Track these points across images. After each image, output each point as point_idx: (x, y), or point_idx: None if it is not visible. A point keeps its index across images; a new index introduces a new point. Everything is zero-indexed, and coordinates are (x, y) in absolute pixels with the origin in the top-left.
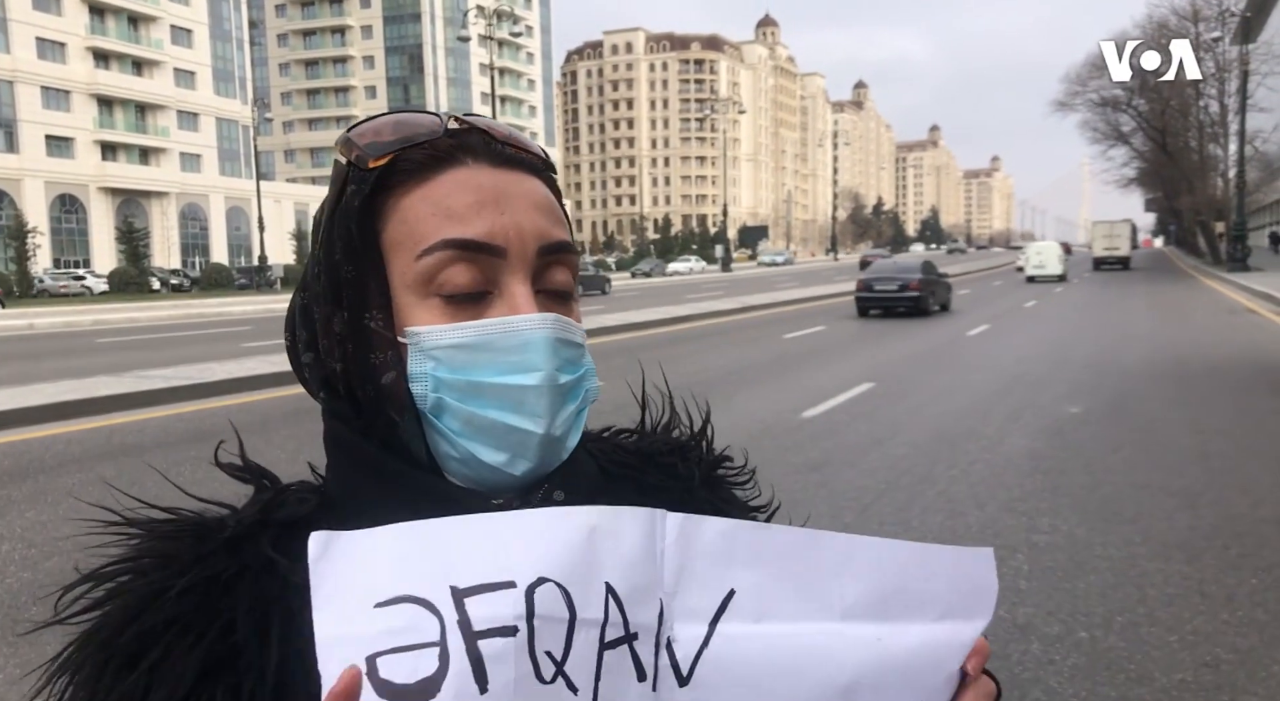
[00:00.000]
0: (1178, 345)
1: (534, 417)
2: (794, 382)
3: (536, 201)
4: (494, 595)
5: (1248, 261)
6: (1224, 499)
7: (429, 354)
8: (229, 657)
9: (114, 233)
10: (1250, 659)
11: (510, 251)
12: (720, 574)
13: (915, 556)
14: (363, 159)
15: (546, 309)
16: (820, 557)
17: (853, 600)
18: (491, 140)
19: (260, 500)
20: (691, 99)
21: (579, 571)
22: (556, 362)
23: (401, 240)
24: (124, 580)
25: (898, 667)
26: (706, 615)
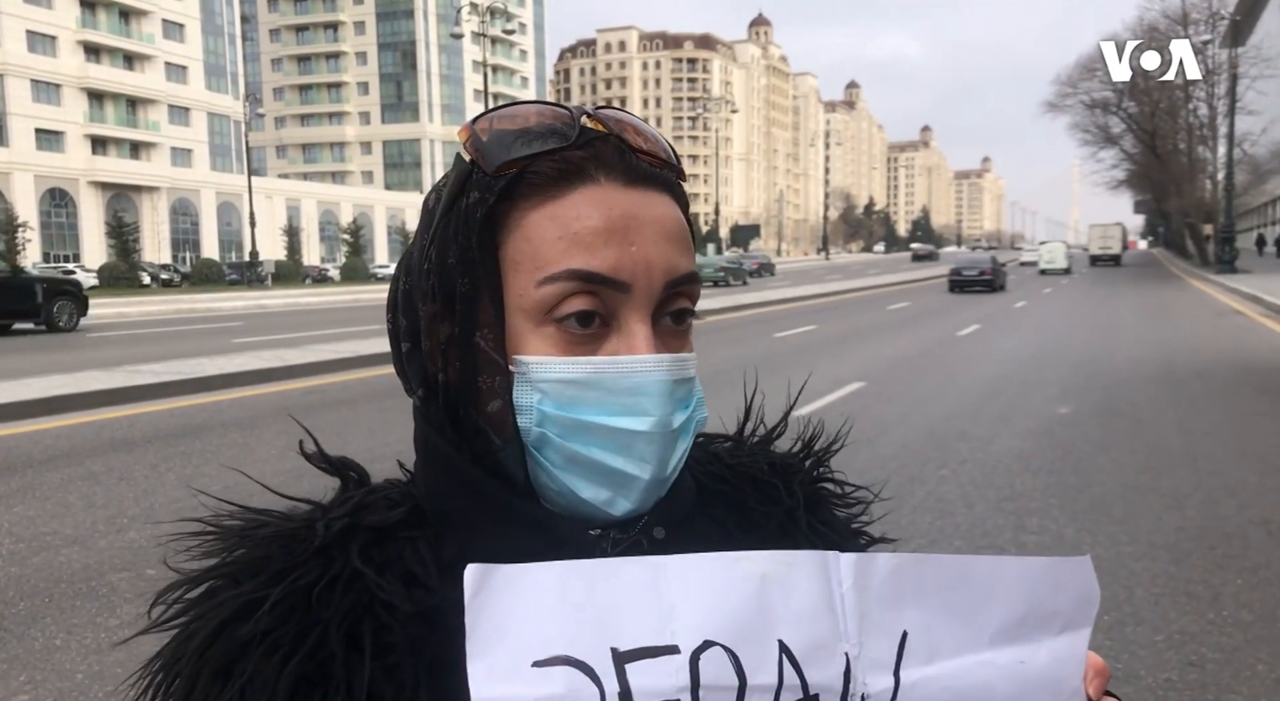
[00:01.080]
0: (1166, 347)
1: (641, 462)
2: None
3: (668, 229)
4: (655, 662)
5: (1235, 263)
6: (1211, 500)
7: (536, 386)
8: (319, 673)
9: (104, 227)
10: (1235, 658)
11: (635, 287)
12: (893, 615)
13: (1044, 572)
14: (488, 162)
15: (664, 343)
16: (972, 584)
17: (998, 624)
18: (627, 151)
19: (349, 500)
20: (684, 98)
21: (749, 631)
22: (670, 406)
23: (522, 260)
24: (214, 587)
25: (1037, 687)
26: (889, 664)
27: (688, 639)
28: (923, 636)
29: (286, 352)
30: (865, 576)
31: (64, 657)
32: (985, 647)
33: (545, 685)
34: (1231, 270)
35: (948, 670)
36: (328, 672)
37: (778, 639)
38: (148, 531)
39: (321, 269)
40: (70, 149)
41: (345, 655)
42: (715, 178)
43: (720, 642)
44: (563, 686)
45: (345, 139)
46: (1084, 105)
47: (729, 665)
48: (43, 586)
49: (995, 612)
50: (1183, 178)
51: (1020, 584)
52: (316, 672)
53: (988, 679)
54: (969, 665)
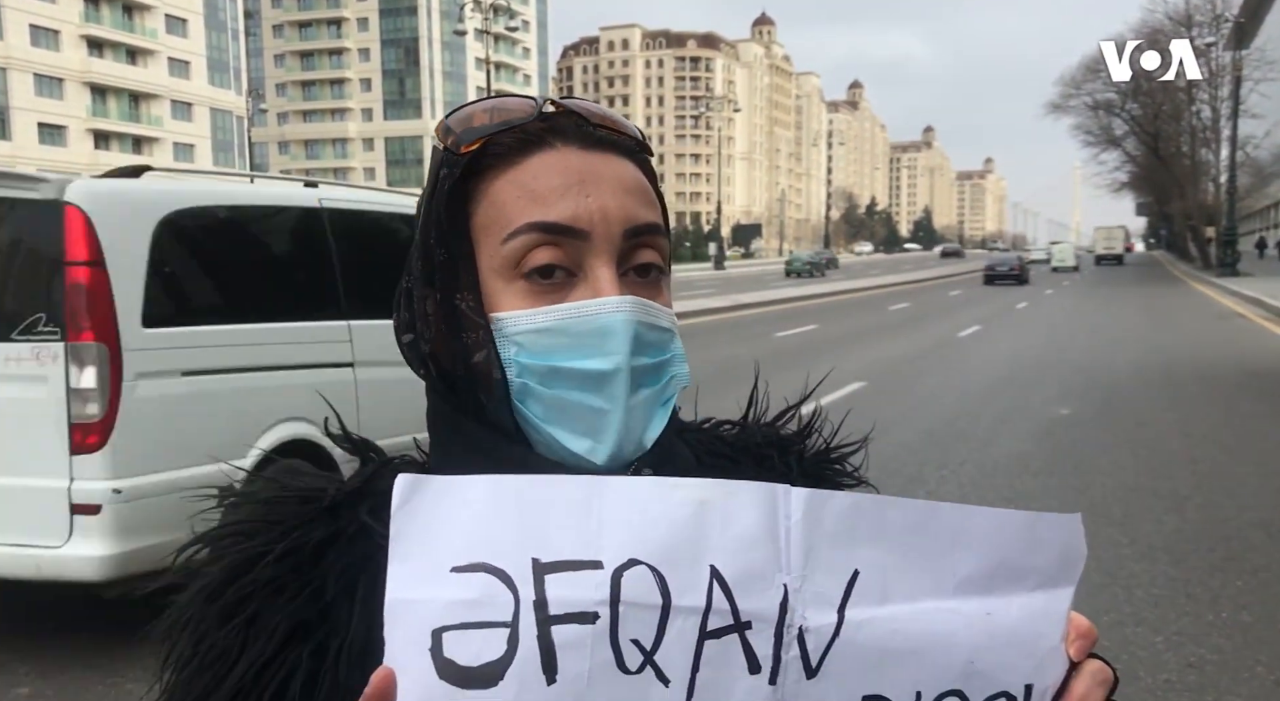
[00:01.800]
0: (1167, 349)
1: (611, 399)
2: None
3: (625, 183)
4: (576, 575)
5: (1237, 266)
6: (1211, 502)
7: (511, 339)
8: (317, 619)
9: None
10: (1234, 660)
11: (594, 234)
12: (845, 554)
13: (1023, 526)
14: (456, 144)
15: (632, 291)
16: (938, 530)
17: (964, 574)
18: (583, 122)
19: (364, 472)
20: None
21: (678, 553)
22: (634, 346)
23: (490, 224)
24: (230, 542)
25: (1007, 641)
26: (835, 601)
27: (613, 555)
28: (876, 577)
29: None
30: (817, 512)
31: (66, 651)
32: (949, 595)
33: (461, 589)
34: (1233, 273)
35: (901, 612)
36: (326, 619)
37: (709, 564)
38: None
39: None
40: (73, 143)
41: (344, 604)
42: (717, 176)
43: (646, 562)
44: (478, 591)
45: (348, 135)
46: (1087, 106)
47: (654, 584)
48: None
49: (963, 561)
50: (1185, 180)
51: (994, 535)
52: (316, 618)
53: (949, 627)
54: (927, 610)
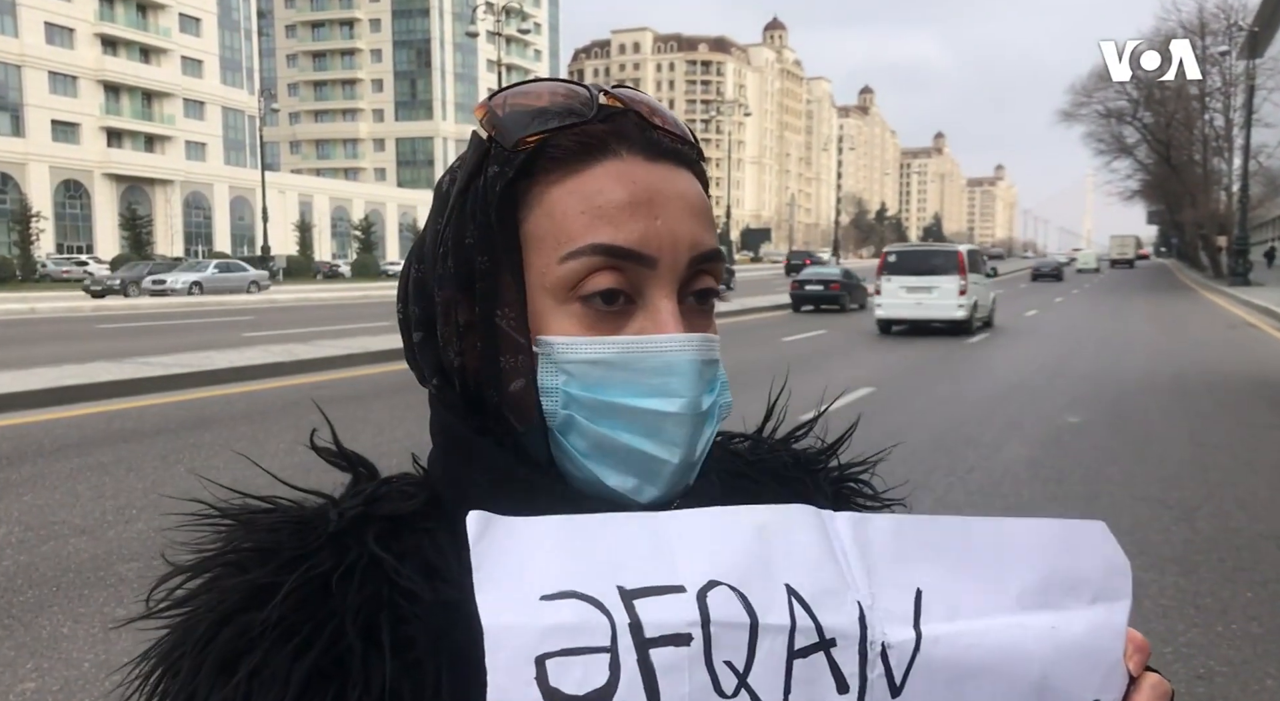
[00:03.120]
0: (1177, 358)
1: (670, 446)
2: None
3: (691, 204)
4: (664, 599)
5: (1249, 276)
6: (1221, 512)
7: (561, 367)
8: (334, 667)
9: (118, 219)
10: (1243, 672)
11: (661, 262)
12: (903, 573)
13: (1055, 534)
14: (506, 137)
15: (690, 323)
16: (979, 545)
17: (1020, 588)
18: (647, 126)
19: (361, 491)
20: (698, 100)
21: (754, 573)
22: (700, 387)
23: (544, 236)
24: (218, 574)
25: (1074, 656)
26: (908, 618)
27: (693, 579)
28: (939, 595)
29: (296, 347)
30: (864, 534)
31: (71, 646)
32: (1014, 610)
33: (555, 615)
34: (1245, 282)
35: (974, 628)
36: (344, 666)
37: (784, 582)
38: (156, 522)
39: (333, 265)
40: (86, 141)
41: (363, 648)
42: (727, 180)
43: (726, 582)
44: (572, 617)
45: (359, 136)
46: (1099, 114)
47: (738, 603)
48: (51, 575)
49: (1013, 574)
50: (1197, 189)
51: (1032, 545)
52: (331, 666)
53: (1020, 641)
54: (998, 626)
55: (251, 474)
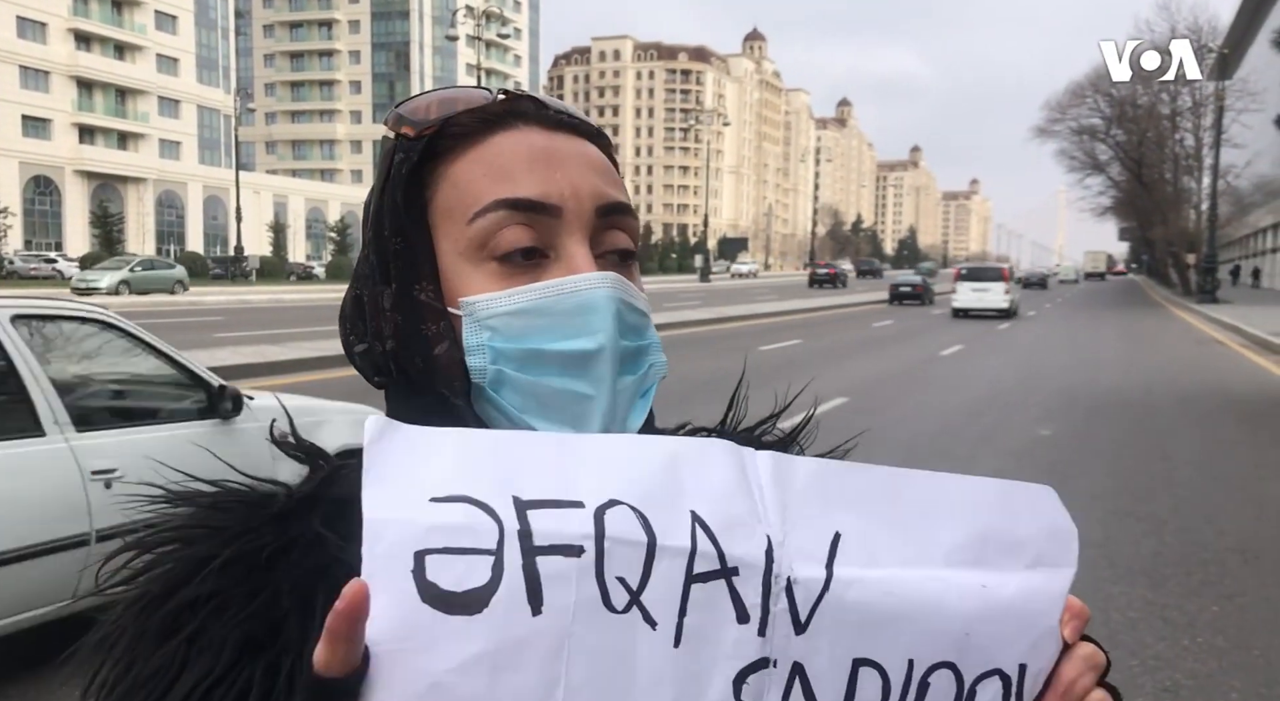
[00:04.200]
0: (1147, 373)
1: (596, 382)
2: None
3: (592, 161)
4: (559, 512)
5: (1216, 293)
6: (1189, 526)
7: (485, 323)
8: (269, 634)
9: (88, 216)
10: (1209, 685)
11: (566, 210)
12: (821, 516)
13: (996, 493)
14: (410, 128)
15: (608, 271)
16: (911, 497)
17: (950, 544)
18: (543, 106)
19: (315, 477)
20: (677, 109)
21: (658, 497)
22: (618, 325)
23: (453, 206)
24: (169, 550)
25: (1003, 617)
26: (821, 557)
27: (594, 496)
28: (858, 541)
29: (268, 348)
30: (783, 474)
31: None
32: (939, 565)
33: (442, 515)
34: (1213, 300)
35: (892, 576)
36: (278, 634)
37: (690, 508)
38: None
39: (307, 266)
40: (57, 137)
41: (301, 620)
42: (705, 189)
43: (627, 502)
44: (461, 518)
45: (335, 137)
46: (1072, 131)
47: (637, 523)
48: None
49: (944, 530)
50: (1167, 207)
51: (969, 503)
52: (266, 634)
53: (943, 595)
54: (920, 577)
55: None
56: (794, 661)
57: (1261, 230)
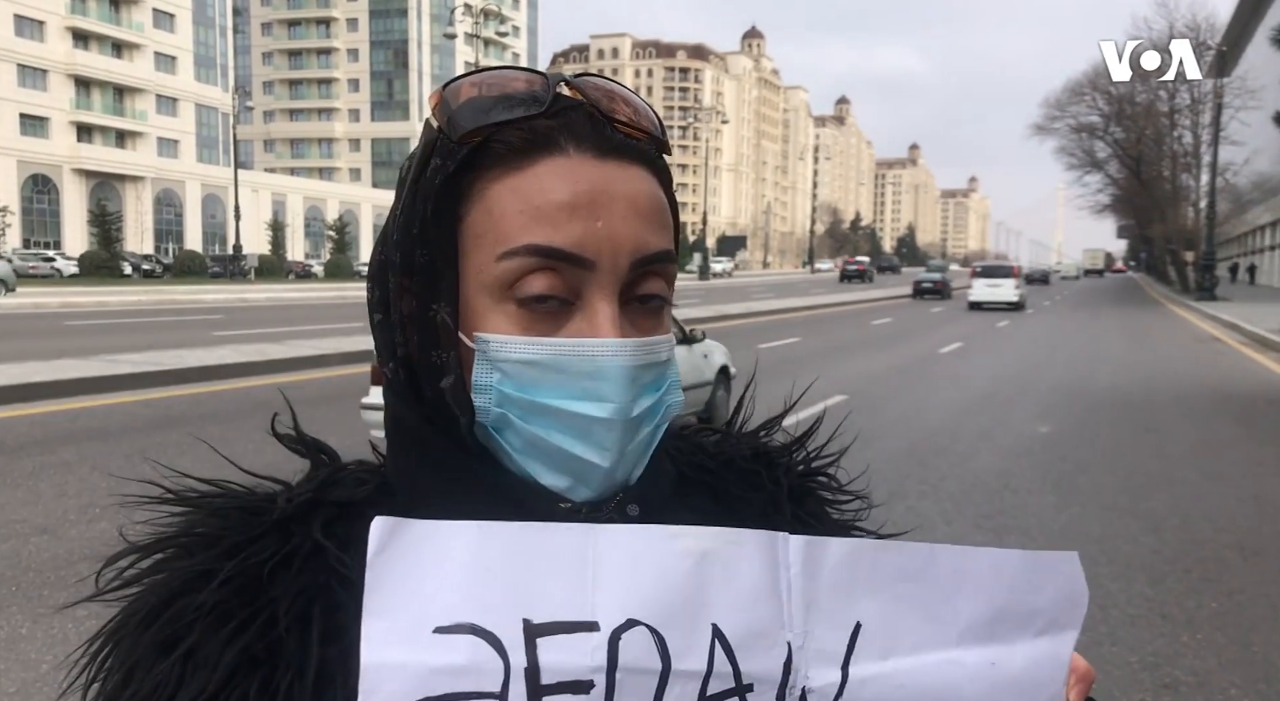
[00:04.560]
0: (1146, 371)
1: (601, 450)
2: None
3: (638, 205)
4: (571, 639)
5: (1215, 291)
6: (1188, 523)
7: (496, 365)
8: (267, 651)
9: (86, 215)
10: (1208, 682)
11: (600, 264)
12: (846, 605)
13: (1021, 567)
14: (453, 129)
15: (633, 324)
16: (938, 576)
17: (966, 621)
18: (601, 121)
19: (316, 478)
20: (675, 107)
21: (680, 612)
22: (632, 393)
23: (484, 234)
24: (167, 557)
25: (1010, 690)
26: (838, 658)
27: (610, 615)
28: (879, 629)
29: (268, 347)
30: (815, 561)
31: (29, 647)
32: (952, 646)
33: (445, 653)
34: (1211, 297)
35: (905, 667)
36: (276, 651)
37: (712, 622)
38: (120, 521)
39: (305, 265)
40: (55, 135)
41: (299, 635)
42: (704, 187)
43: (646, 622)
44: (465, 656)
45: (334, 135)
46: (1070, 129)
47: (653, 648)
48: (10, 574)
49: (965, 608)
50: (1166, 204)
51: (995, 578)
52: (264, 651)
53: (953, 680)
54: (931, 663)
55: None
56: None
57: (1260, 228)
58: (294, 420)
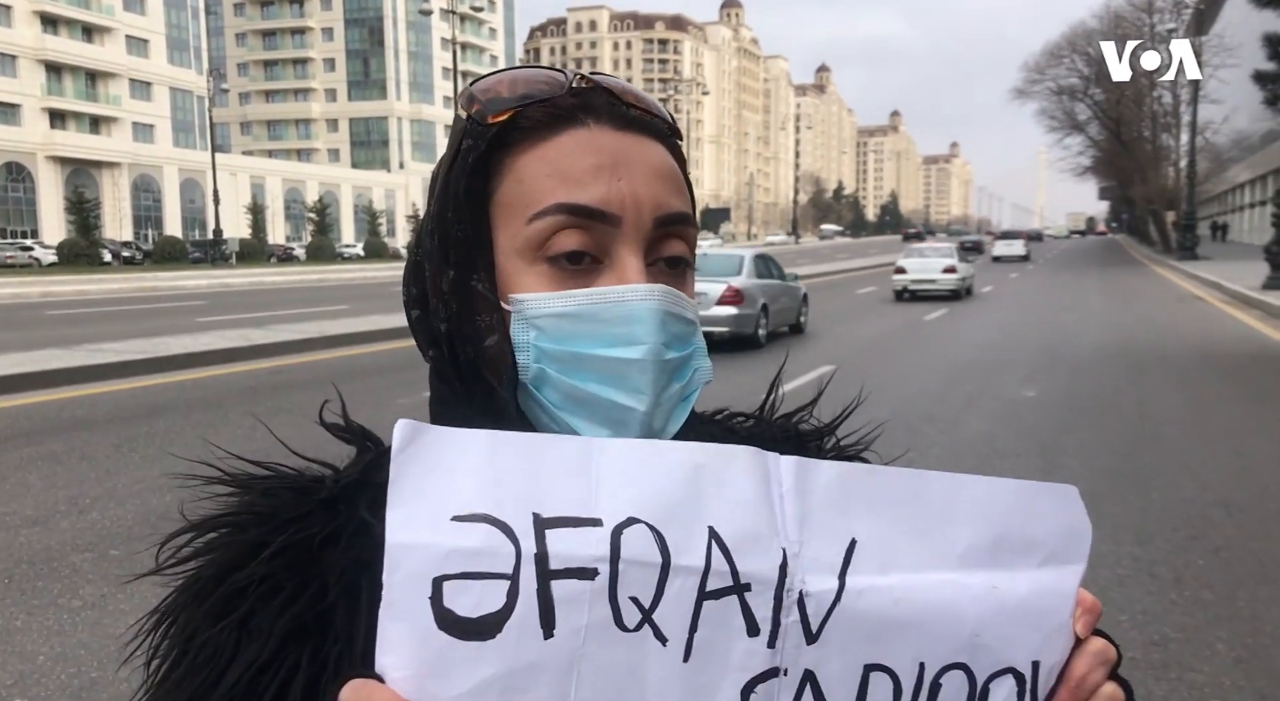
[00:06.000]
0: (1129, 331)
1: (636, 393)
2: (754, 364)
3: (657, 168)
4: (577, 532)
5: (1196, 250)
6: (1174, 482)
7: (532, 322)
8: (317, 621)
9: (63, 203)
10: (1196, 637)
11: (625, 220)
12: (840, 522)
13: (1016, 496)
14: (482, 114)
15: (658, 281)
16: (931, 500)
17: (965, 546)
18: (616, 101)
19: (362, 461)
20: (655, 78)
21: (677, 512)
22: (664, 337)
23: (514, 201)
24: (221, 534)
25: (1014, 616)
26: (835, 567)
27: (612, 514)
28: (874, 546)
29: (252, 332)
30: (807, 480)
31: (25, 639)
32: (953, 568)
33: (462, 538)
34: (1193, 257)
35: (903, 582)
36: (326, 622)
37: (708, 525)
38: (110, 512)
39: (287, 248)
40: (27, 122)
41: (347, 606)
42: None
43: (645, 520)
44: (480, 541)
45: (311, 116)
46: (1051, 92)
47: (653, 542)
48: (2, 567)
49: (961, 532)
50: (1147, 165)
51: (990, 504)
52: (314, 621)
53: (952, 599)
54: (931, 582)
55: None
56: (805, 669)
57: (1239, 185)
58: (343, 407)
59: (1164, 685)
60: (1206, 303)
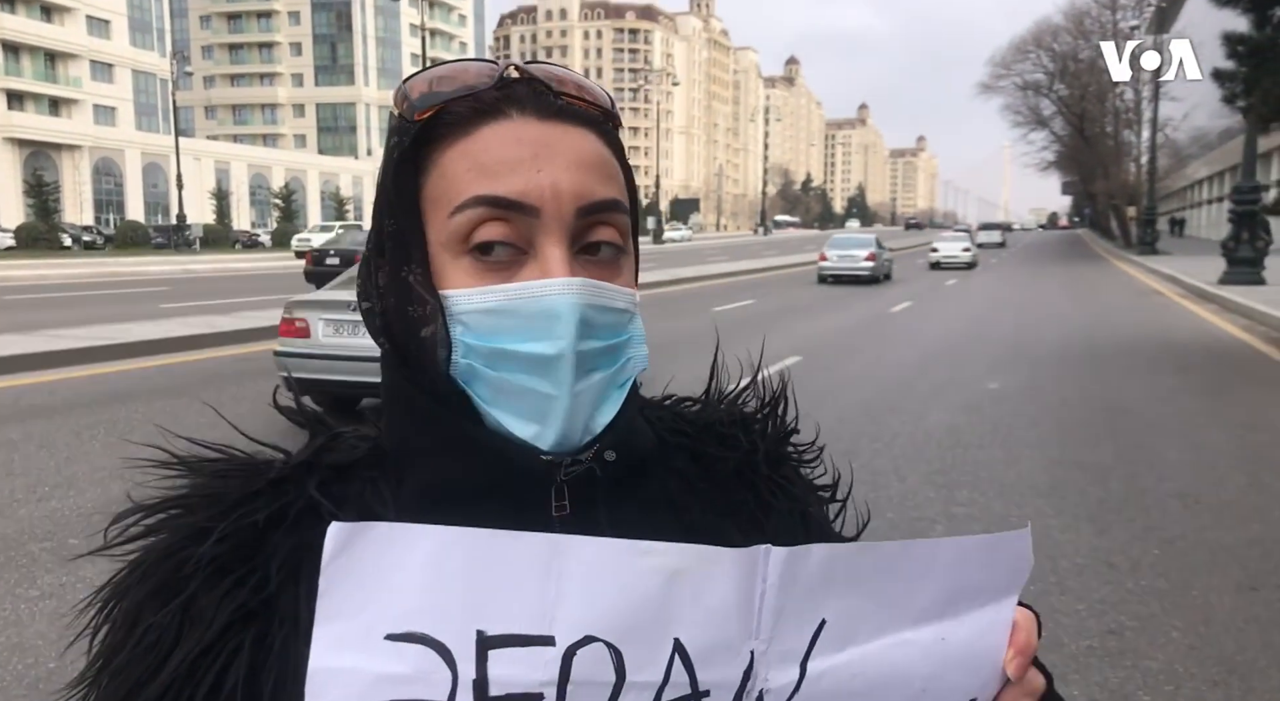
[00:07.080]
0: (1090, 325)
1: (557, 385)
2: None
3: (582, 157)
4: (524, 653)
5: (1156, 245)
6: (1132, 473)
7: (458, 318)
8: (261, 605)
9: (21, 186)
10: (1151, 626)
11: (544, 211)
12: (814, 604)
13: (980, 549)
14: (410, 110)
15: (585, 271)
16: (907, 569)
17: (925, 602)
18: (545, 90)
19: (313, 444)
20: (625, 69)
21: (641, 627)
22: (581, 330)
23: (439, 196)
24: (170, 516)
25: (956, 663)
26: (798, 656)
27: (569, 629)
28: (842, 623)
29: (216, 319)
30: (794, 570)
31: None
32: (909, 626)
33: (394, 662)
34: (1153, 251)
35: (859, 655)
36: (270, 606)
37: (674, 637)
38: (70, 500)
39: (252, 234)
40: None
41: (290, 590)
42: (656, 150)
43: (604, 638)
44: (411, 666)
45: (277, 101)
46: (1016, 87)
47: (609, 662)
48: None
49: (923, 591)
50: (1109, 160)
51: (953, 561)
52: (259, 605)
53: (905, 660)
54: (885, 647)
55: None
56: None
57: (1198, 181)
58: (294, 390)
59: (1120, 672)
60: (1165, 296)
